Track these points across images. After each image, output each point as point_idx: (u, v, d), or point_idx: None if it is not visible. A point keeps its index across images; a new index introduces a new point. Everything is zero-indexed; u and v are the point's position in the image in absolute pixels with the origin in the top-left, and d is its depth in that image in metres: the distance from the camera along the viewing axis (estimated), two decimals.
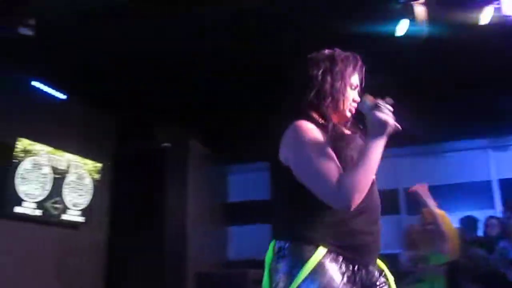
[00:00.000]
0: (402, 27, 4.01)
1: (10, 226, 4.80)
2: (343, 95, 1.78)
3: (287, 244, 1.67)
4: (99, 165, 5.95)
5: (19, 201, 4.84)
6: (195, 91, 5.57)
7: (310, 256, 1.60)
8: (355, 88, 1.85)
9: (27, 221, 4.98)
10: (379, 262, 1.79)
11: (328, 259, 1.61)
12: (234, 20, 4.23)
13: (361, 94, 1.82)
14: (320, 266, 1.59)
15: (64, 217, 5.41)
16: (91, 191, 5.80)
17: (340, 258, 1.64)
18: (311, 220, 1.67)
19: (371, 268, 1.71)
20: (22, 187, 4.87)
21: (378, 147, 1.60)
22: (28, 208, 4.94)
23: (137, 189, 6.31)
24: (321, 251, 1.61)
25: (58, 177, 5.35)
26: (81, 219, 5.65)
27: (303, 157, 1.65)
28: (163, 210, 6.22)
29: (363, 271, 1.68)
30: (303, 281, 1.57)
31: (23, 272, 4.85)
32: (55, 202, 5.29)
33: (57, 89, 5.43)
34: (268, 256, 1.73)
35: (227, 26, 4.31)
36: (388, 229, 3.93)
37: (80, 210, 5.64)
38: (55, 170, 5.31)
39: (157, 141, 6.49)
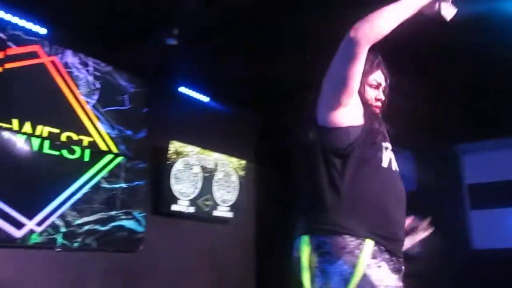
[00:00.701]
0: None
1: (168, 223, 5.20)
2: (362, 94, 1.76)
3: (328, 239, 1.53)
4: (243, 162, 6.19)
5: (175, 200, 5.21)
6: None
7: (359, 252, 1.49)
8: (376, 87, 1.84)
9: (182, 218, 5.35)
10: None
11: (377, 253, 1.51)
12: None
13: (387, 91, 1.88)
14: (372, 257, 1.49)
15: (215, 213, 5.72)
16: (237, 188, 6.05)
17: (383, 249, 1.53)
18: (347, 207, 1.56)
19: (401, 259, 1.61)
20: (176, 187, 5.24)
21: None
22: (182, 206, 5.30)
23: (281, 183, 6.44)
24: (369, 244, 1.50)
25: (207, 176, 5.66)
26: (230, 214, 5.93)
27: None
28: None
29: (399, 260, 1.59)
30: (360, 280, 1.46)
31: (181, 264, 5.22)
32: (206, 200, 5.61)
33: (202, 93, 5.77)
34: (304, 253, 1.58)
35: None
36: None
37: (228, 206, 5.92)
38: (204, 169, 5.63)
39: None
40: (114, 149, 4.67)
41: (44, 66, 4.20)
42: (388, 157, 1.68)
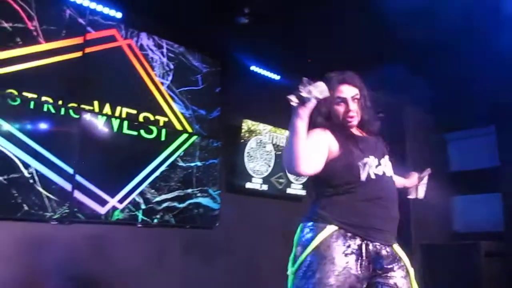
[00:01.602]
0: None
1: (243, 200, 5.23)
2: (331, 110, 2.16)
3: (308, 223, 2.05)
4: None
5: (249, 178, 5.24)
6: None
7: (321, 231, 1.96)
8: (342, 102, 2.16)
9: (256, 195, 5.37)
10: (397, 249, 2.06)
11: (337, 234, 1.95)
12: None
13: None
14: (327, 239, 1.94)
15: (289, 191, 5.70)
16: None
17: (348, 234, 1.96)
18: (327, 203, 2.05)
19: (379, 246, 1.98)
20: (250, 164, 5.26)
21: (292, 124, 1.86)
22: (256, 183, 5.32)
23: None
24: (331, 228, 1.97)
25: (280, 153, 5.64)
26: (303, 192, 5.89)
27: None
28: None
29: (370, 246, 1.97)
30: (312, 251, 1.95)
31: (255, 240, 5.25)
32: (279, 177, 5.60)
33: (273, 71, 5.72)
34: (296, 234, 2.09)
35: None
36: None
37: (301, 184, 5.88)
38: (276, 147, 5.61)
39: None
40: (189, 128, 4.74)
41: (121, 49, 4.31)
42: (366, 172, 2.05)
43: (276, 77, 5.75)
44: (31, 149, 3.60)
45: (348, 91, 2.17)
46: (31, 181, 3.57)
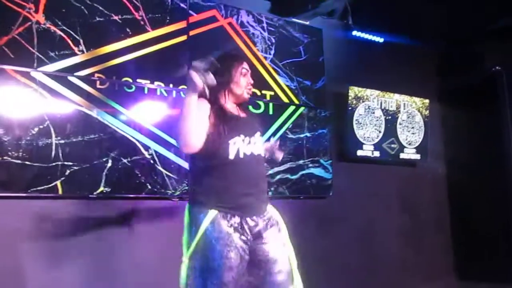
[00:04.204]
0: None
1: (355, 168, 5.00)
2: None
3: (192, 208, 2.18)
4: (427, 101, 5.65)
5: (359, 145, 4.98)
6: None
7: (204, 217, 2.09)
8: (245, 75, 2.39)
9: (368, 162, 5.11)
10: (273, 213, 2.31)
11: (219, 217, 2.09)
12: None
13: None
14: (212, 223, 2.07)
15: (402, 156, 5.36)
16: (423, 128, 5.58)
17: (228, 215, 2.11)
18: (204, 189, 2.16)
19: (255, 218, 2.17)
20: (360, 132, 5.00)
21: (186, 101, 1.98)
22: (368, 150, 5.05)
23: (470, 121, 5.77)
24: (212, 212, 2.10)
25: (390, 118, 5.30)
26: (417, 156, 5.50)
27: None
28: (501, 141, 5.52)
29: (248, 221, 2.15)
30: (202, 235, 2.07)
31: (371, 208, 5.03)
32: (391, 143, 5.27)
33: (376, 34, 5.35)
34: (185, 217, 2.19)
35: None
36: None
37: (415, 148, 5.50)
38: (386, 112, 5.27)
39: (485, 67, 5.75)
40: (295, 100, 4.59)
41: (223, 28, 4.25)
42: (235, 150, 2.15)
43: (380, 39, 5.38)
44: (149, 132, 3.68)
45: (247, 67, 2.42)
46: (151, 161, 3.66)
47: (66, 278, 3.23)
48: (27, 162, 3.15)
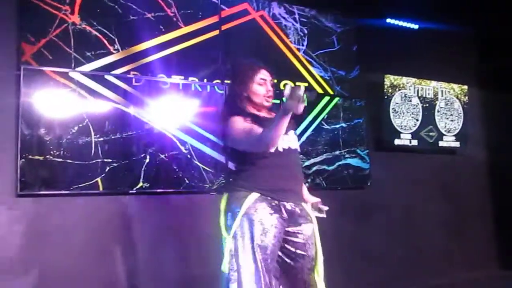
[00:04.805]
0: None
1: (393, 157, 4.88)
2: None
3: (232, 193, 2.28)
4: (465, 87, 5.46)
5: (397, 134, 4.86)
6: None
7: (245, 199, 2.20)
8: (263, 82, 2.42)
9: (406, 151, 4.99)
10: (305, 206, 2.37)
11: (260, 199, 2.21)
12: None
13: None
14: (254, 203, 2.19)
15: (441, 144, 5.20)
16: (462, 115, 5.40)
17: (268, 198, 2.22)
18: (246, 176, 2.28)
19: (292, 205, 2.28)
20: (396, 121, 4.87)
21: (281, 120, 2.05)
22: (405, 139, 4.92)
23: (510, 106, 5.55)
24: (254, 195, 2.21)
25: (427, 106, 5.14)
26: (456, 144, 5.33)
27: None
28: None
29: (286, 205, 2.26)
30: (244, 214, 2.18)
31: (411, 197, 4.91)
32: (430, 131, 5.13)
33: (410, 21, 5.20)
34: (222, 203, 2.31)
35: None
36: None
37: (454, 135, 5.33)
38: (423, 99, 5.12)
39: None
40: (330, 90, 4.51)
41: (255, 21, 4.20)
42: (282, 144, 2.28)
43: (414, 26, 5.22)
44: (184, 127, 3.69)
45: (267, 75, 2.44)
46: (188, 156, 3.66)
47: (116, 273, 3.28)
48: (68, 160, 3.21)
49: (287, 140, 2.35)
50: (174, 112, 3.67)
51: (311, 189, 2.64)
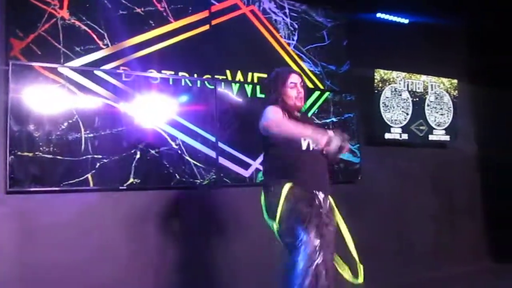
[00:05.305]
0: None
1: (383, 151, 4.92)
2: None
3: (269, 186, 2.61)
4: (455, 81, 5.51)
5: (387, 128, 4.89)
6: None
7: (282, 188, 2.51)
8: (294, 86, 2.73)
9: (397, 145, 5.02)
10: (331, 201, 2.71)
11: (294, 186, 2.52)
12: None
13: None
14: (290, 189, 2.51)
15: (431, 137, 5.25)
16: (451, 109, 5.45)
17: (300, 187, 2.52)
18: (281, 171, 2.59)
19: (322, 195, 2.59)
20: (387, 115, 4.91)
21: (303, 133, 2.49)
22: (396, 133, 4.96)
23: (499, 100, 5.61)
24: (288, 184, 2.52)
25: (417, 100, 5.18)
26: (446, 137, 5.38)
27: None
28: None
29: (318, 195, 2.56)
30: (285, 200, 2.48)
31: (401, 190, 4.96)
32: (419, 125, 5.17)
33: (400, 15, 5.23)
34: (262, 199, 2.66)
35: None
36: None
37: (444, 129, 5.37)
38: (413, 93, 5.16)
39: None
40: (320, 85, 4.53)
41: (245, 16, 4.20)
42: (306, 143, 2.62)
43: (405, 21, 5.25)
44: (175, 122, 3.69)
45: (297, 78, 2.75)
46: (179, 152, 3.67)
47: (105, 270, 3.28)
48: (58, 157, 3.20)
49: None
50: (164, 108, 3.67)
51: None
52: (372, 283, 2.98)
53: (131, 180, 3.44)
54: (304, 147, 2.64)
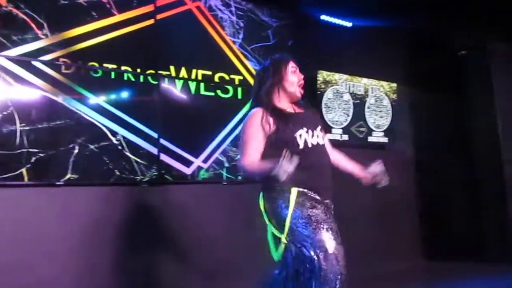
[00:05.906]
0: None
1: None
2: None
3: (271, 191, 2.45)
4: (394, 85, 5.76)
5: (328, 129, 5.04)
6: None
7: (290, 194, 2.40)
8: (295, 70, 2.68)
9: (337, 146, 5.17)
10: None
11: (300, 193, 2.41)
12: None
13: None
14: (300, 196, 2.40)
15: (370, 139, 5.46)
16: (390, 112, 5.69)
17: (306, 192, 2.43)
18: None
19: (328, 201, 2.57)
20: (328, 116, 5.07)
21: (271, 171, 2.19)
22: (336, 134, 5.13)
23: (437, 104, 5.92)
24: (295, 189, 2.41)
25: (358, 102, 5.39)
26: (385, 139, 5.63)
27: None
28: (466, 124, 5.71)
29: (324, 201, 2.50)
30: (295, 205, 2.38)
31: (341, 190, 5.11)
32: (359, 126, 5.37)
33: (344, 19, 5.40)
34: (261, 203, 2.53)
35: None
36: None
37: (383, 131, 5.61)
38: (354, 96, 5.35)
39: (452, 50, 5.89)
40: None
41: (191, 12, 4.22)
42: (303, 140, 2.47)
43: (348, 24, 5.44)
44: (116, 117, 3.66)
45: (294, 65, 2.67)
46: (119, 147, 3.64)
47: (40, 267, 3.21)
48: None
49: (315, 136, 2.53)
50: (105, 102, 3.63)
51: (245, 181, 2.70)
52: None
53: (68, 175, 3.39)
54: (301, 145, 2.46)
